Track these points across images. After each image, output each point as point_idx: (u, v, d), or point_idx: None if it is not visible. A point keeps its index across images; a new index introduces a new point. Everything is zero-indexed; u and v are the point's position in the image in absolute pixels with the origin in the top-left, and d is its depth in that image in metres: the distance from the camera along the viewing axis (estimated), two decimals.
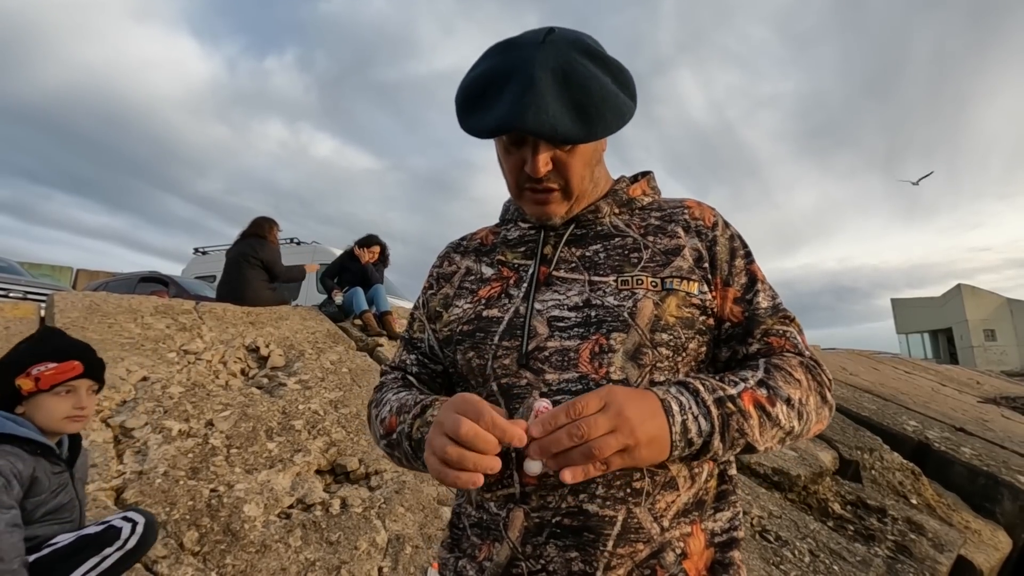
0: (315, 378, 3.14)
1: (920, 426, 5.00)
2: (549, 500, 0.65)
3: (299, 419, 2.61)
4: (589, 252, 0.75)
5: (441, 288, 0.83)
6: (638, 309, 0.68)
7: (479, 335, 0.73)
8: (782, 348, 0.72)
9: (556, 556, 0.64)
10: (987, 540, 3.38)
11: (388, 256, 5.33)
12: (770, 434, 0.64)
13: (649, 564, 0.65)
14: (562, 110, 0.64)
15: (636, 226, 0.77)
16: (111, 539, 1.27)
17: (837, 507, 3.06)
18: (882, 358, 11.66)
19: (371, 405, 0.83)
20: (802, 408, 0.66)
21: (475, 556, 0.70)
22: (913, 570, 2.52)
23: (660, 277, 0.71)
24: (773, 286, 0.78)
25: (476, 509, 0.72)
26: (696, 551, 0.67)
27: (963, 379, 10.97)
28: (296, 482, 2.16)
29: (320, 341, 3.79)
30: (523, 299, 0.73)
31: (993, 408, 7.72)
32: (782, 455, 3.37)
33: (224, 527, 1.82)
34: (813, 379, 0.69)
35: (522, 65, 0.66)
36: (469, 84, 0.70)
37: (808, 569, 2.20)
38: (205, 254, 9.04)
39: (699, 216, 0.77)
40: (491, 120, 0.66)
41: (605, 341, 0.67)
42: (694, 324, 0.70)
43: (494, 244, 0.83)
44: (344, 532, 1.90)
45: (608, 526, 0.64)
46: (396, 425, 0.73)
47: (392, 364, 0.88)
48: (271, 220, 4.92)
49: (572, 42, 0.69)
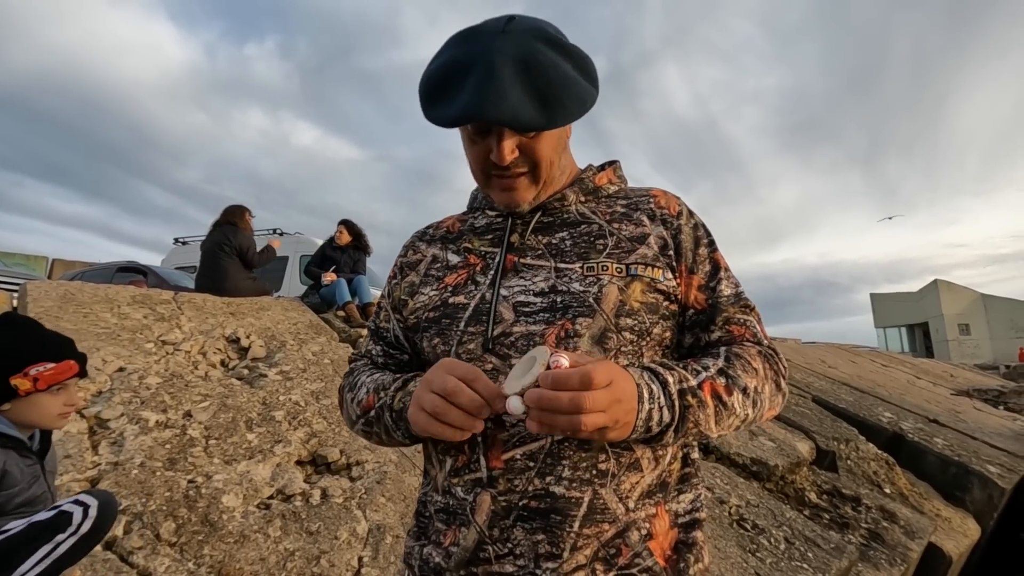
0: (296, 369, 3.11)
1: (895, 417, 5.12)
2: (516, 483, 0.66)
3: (280, 410, 2.59)
4: (555, 239, 0.76)
5: (406, 277, 0.84)
6: (603, 294, 0.69)
7: (445, 321, 0.74)
8: (742, 336, 0.74)
9: (523, 539, 0.65)
10: (957, 527, 3.47)
11: (368, 244, 5.30)
12: (726, 423, 0.67)
13: (614, 544, 0.66)
14: (522, 98, 0.65)
15: (602, 213, 0.78)
16: (63, 525, 1.22)
17: (813, 496, 3.12)
18: (860, 351, 11.89)
19: (344, 390, 0.83)
20: (757, 396, 0.69)
21: (441, 542, 0.71)
22: (885, 557, 2.58)
23: (625, 263, 0.72)
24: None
25: (442, 495, 0.72)
26: (661, 531, 0.69)
27: (938, 372, 11.24)
28: (276, 473, 2.14)
29: (302, 332, 3.76)
30: (489, 285, 0.74)
31: (966, 400, 7.92)
32: (760, 446, 3.43)
33: (202, 518, 1.80)
34: (770, 367, 0.72)
35: (482, 55, 0.66)
36: (431, 75, 0.71)
37: (783, 556, 2.24)
38: (185, 244, 8.90)
39: (664, 205, 0.79)
40: (453, 110, 0.66)
41: (571, 326, 0.68)
42: (658, 309, 0.72)
43: (460, 232, 0.84)
44: (324, 522, 1.89)
45: (574, 507, 0.65)
46: (375, 402, 0.74)
47: (360, 353, 0.89)
48: (243, 207, 4.86)
49: (532, 30, 0.70)
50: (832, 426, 4.31)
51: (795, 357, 7.74)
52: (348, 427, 0.83)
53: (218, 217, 4.84)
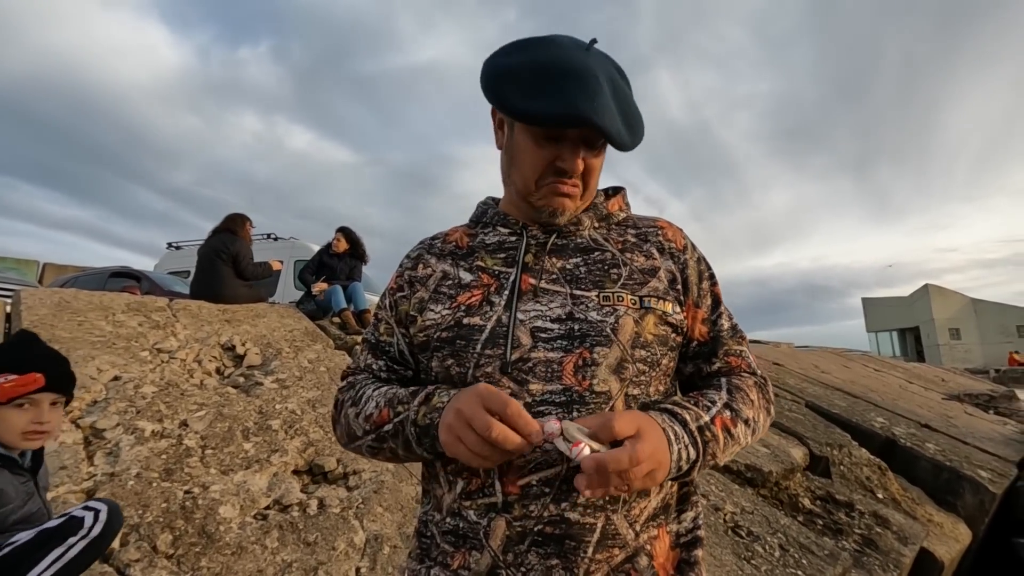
0: (292, 377, 3.11)
1: (887, 423, 5.16)
2: (531, 509, 0.66)
3: (276, 419, 2.59)
4: (570, 265, 0.76)
5: (415, 292, 0.81)
6: (620, 325, 0.71)
7: (460, 343, 0.73)
8: (739, 368, 0.79)
9: (537, 564, 0.66)
10: (949, 532, 3.50)
11: (365, 252, 5.30)
12: (730, 451, 0.72)
13: (623, 568, 0.67)
14: (618, 117, 0.70)
15: (614, 241, 0.80)
16: (74, 529, 1.23)
17: (807, 502, 3.14)
18: (853, 356, 11.98)
19: (344, 404, 0.80)
20: (755, 425, 0.74)
21: (448, 564, 0.71)
22: (878, 563, 2.61)
23: (639, 295, 0.74)
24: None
25: (451, 517, 0.72)
26: (662, 552, 0.71)
27: (929, 377, 11.33)
28: (273, 483, 2.14)
29: (298, 339, 3.75)
30: (505, 308, 0.73)
31: (957, 405, 7.99)
32: (755, 452, 3.45)
33: (199, 529, 1.80)
34: (762, 396, 0.77)
35: (581, 65, 0.70)
36: (516, 69, 0.71)
37: (778, 563, 2.26)
38: (179, 249, 8.85)
39: (672, 238, 0.82)
40: (561, 109, 0.67)
41: (589, 355, 0.69)
42: (668, 341, 0.75)
43: (471, 247, 0.82)
44: (322, 533, 1.89)
45: (588, 533, 0.66)
46: (391, 416, 0.72)
47: (358, 366, 0.85)
48: (244, 216, 4.86)
49: (609, 58, 0.76)
50: (825, 432, 4.34)
51: (788, 362, 7.79)
52: (345, 442, 0.80)
53: (219, 223, 4.84)
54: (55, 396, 1.36)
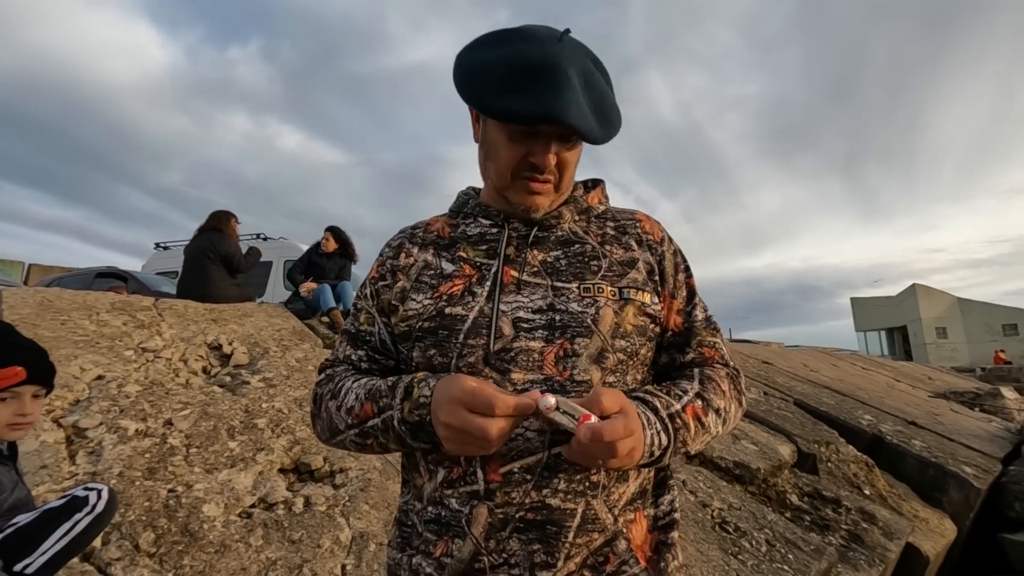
0: (280, 376, 3.08)
1: (875, 420, 5.20)
2: (513, 496, 0.67)
3: (262, 417, 2.57)
4: (551, 258, 0.77)
5: (397, 281, 0.81)
6: (600, 316, 0.72)
7: (442, 332, 0.73)
8: (713, 358, 0.80)
9: (519, 549, 0.66)
10: (934, 528, 3.54)
11: (354, 252, 5.28)
12: (701, 439, 0.73)
13: (603, 552, 0.69)
14: (591, 112, 0.69)
15: (594, 234, 0.80)
16: (79, 506, 1.27)
17: (795, 498, 3.16)
18: (841, 355, 12.10)
19: (323, 398, 0.79)
20: (726, 415, 0.75)
21: (430, 552, 0.71)
22: (864, 558, 2.63)
23: (618, 287, 0.75)
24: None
25: (432, 505, 0.72)
26: (640, 535, 0.72)
27: (916, 375, 11.46)
28: (258, 481, 2.12)
29: (286, 338, 3.73)
30: (487, 298, 0.74)
31: (943, 402, 8.08)
32: (744, 450, 3.46)
33: (182, 528, 1.78)
34: (734, 387, 0.79)
35: (552, 59, 0.68)
36: (489, 65, 0.71)
37: (764, 558, 2.27)
38: (166, 249, 8.77)
39: (649, 231, 0.83)
40: (532, 108, 0.67)
41: (570, 345, 0.70)
42: (646, 332, 0.76)
43: (452, 238, 0.82)
44: (307, 531, 1.88)
45: (569, 519, 0.67)
46: (375, 412, 0.71)
47: (336, 358, 0.85)
48: (229, 213, 4.83)
49: (583, 48, 0.74)
50: (813, 429, 4.37)
51: (778, 361, 7.84)
52: (327, 437, 0.79)
53: (203, 222, 4.80)
54: (37, 388, 1.36)
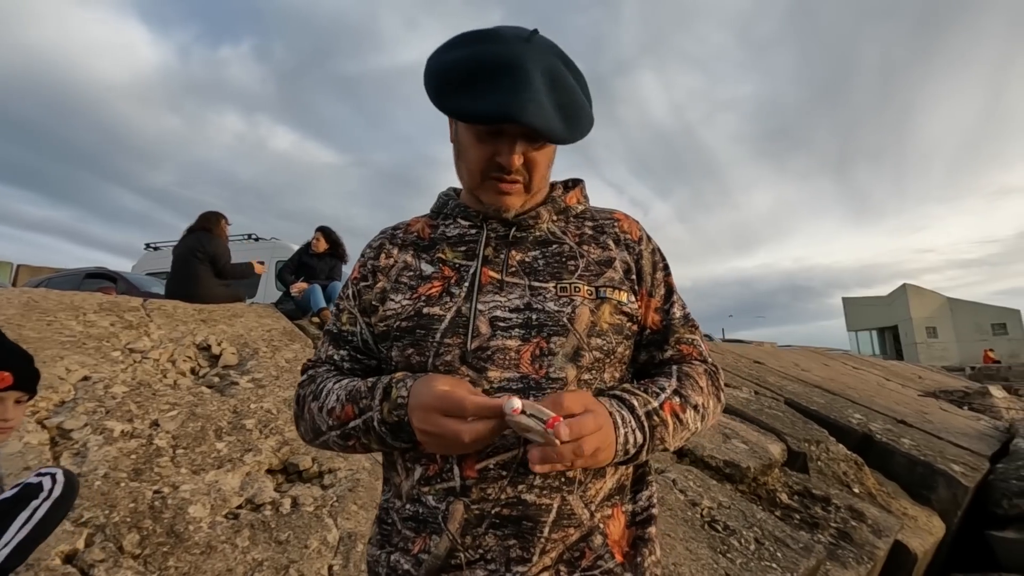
0: (269, 376, 3.07)
1: (864, 419, 5.24)
2: (489, 492, 0.67)
3: (251, 418, 2.55)
4: (528, 258, 0.78)
5: (377, 281, 0.82)
6: (576, 315, 0.73)
7: (420, 332, 0.74)
8: (691, 355, 0.81)
9: (495, 545, 0.67)
10: (923, 525, 3.56)
11: (345, 252, 5.27)
12: (680, 436, 0.72)
13: (579, 547, 0.69)
14: (553, 111, 0.68)
15: (572, 234, 0.81)
16: (34, 493, 1.24)
17: (784, 497, 3.18)
18: (833, 354, 12.18)
19: (306, 399, 0.79)
20: (704, 411, 0.75)
21: (409, 549, 0.71)
22: (853, 555, 2.64)
23: (595, 286, 0.76)
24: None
25: (410, 503, 0.72)
26: (617, 531, 0.72)
27: (907, 374, 11.55)
28: (246, 482, 2.11)
29: (276, 339, 3.71)
30: (466, 298, 0.74)
31: (932, 401, 8.15)
32: (734, 448, 3.48)
33: (167, 529, 1.76)
34: (712, 384, 0.79)
35: (515, 59, 0.68)
36: (452, 65, 0.71)
37: (753, 556, 2.28)
38: (157, 250, 8.71)
39: (627, 230, 0.84)
40: (489, 107, 0.67)
41: (546, 344, 0.71)
42: (623, 330, 0.76)
43: (432, 239, 0.83)
44: (294, 531, 1.87)
45: (544, 514, 0.67)
46: (355, 413, 0.71)
47: (318, 358, 0.85)
48: (219, 214, 4.80)
49: (553, 48, 0.74)
50: (804, 428, 4.40)
51: (770, 361, 7.88)
52: (310, 438, 0.79)
53: (193, 222, 4.77)
54: (20, 394, 1.35)
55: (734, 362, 6.83)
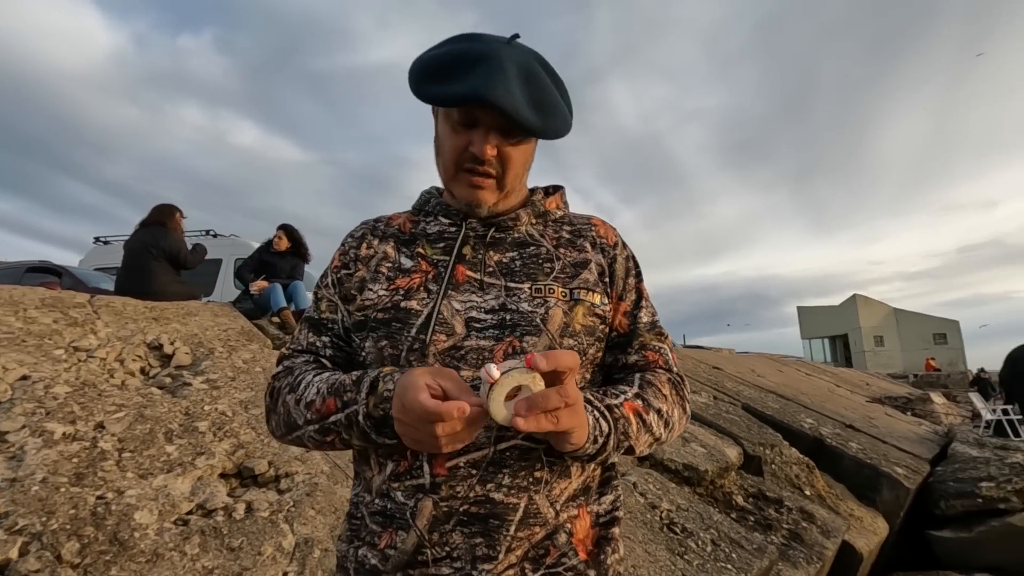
0: (225, 377, 2.97)
1: (816, 423, 5.43)
2: (458, 490, 0.68)
3: (204, 420, 2.46)
4: (506, 259, 0.79)
5: (357, 270, 0.82)
6: (550, 316, 0.74)
7: (395, 325, 0.74)
8: (656, 362, 0.81)
9: (461, 542, 0.68)
10: (868, 526, 3.72)
11: (308, 251, 5.15)
12: (644, 439, 0.73)
13: (544, 545, 0.70)
14: (524, 99, 0.70)
15: (549, 237, 0.83)
16: None
17: (740, 499, 3.26)
18: (787, 361, 12.61)
19: (282, 392, 0.77)
20: (668, 418, 0.76)
21: (375, 544, 0.71)
22: (803, 555, 2.73)
23: (569, 288, 0.77)
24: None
25: (379, 498, 0.73)
26: (582, 530, 0.73)
27: (855, 381, 12.05)
28: (197, 486, 2.03)
29: (232, 339, 3.59)
30: (442, 296, 0.75)
31: (879, 407, 8.53)
32: (693, 452, 3.55)
33: (111, 536, 1.68)
34: (677, 393, 0.79)
35: (491, 53, 0.71)
36: (433, 58, 0.74)
37: (709, 558, 2.33)
38: (107, 244, 8.32)
39: (604, 235, 0.86)
40: (460, 89, 0.69)
41: (519, 343, 0.72)
42: (595, 332, 0.77)
43: (413, 234, 0.84)
44: (248, 537, 1.81)
45: (511, 512, 0.68)
46: (338, 407, 0.70)
47: (296, 347, 0.83)
48: (174, 207, 4.62)
49: (532, 52, 0.76)
50: (759, 432, 4.53)
51: (728, 367, 8.10)
52: (282, 433, 0.76)
53: (146, 216, 4.58)
54: None
55: (694, 367, 6.99)
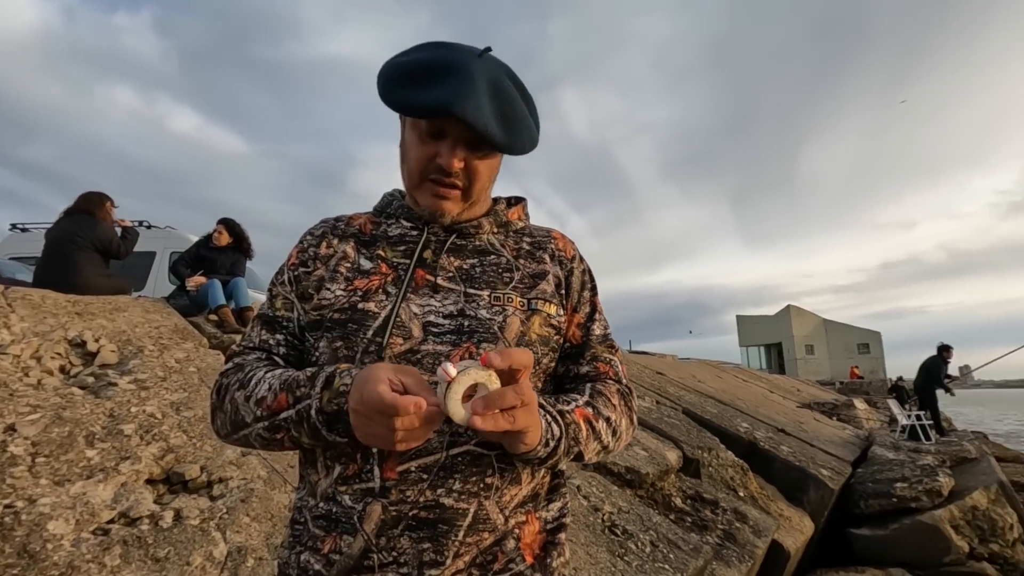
0: (155, 377, 2.80)
1: (751, 427, 5.68)
2: (408, 494, 0.68)
3: (130, 423, 2.32)
4: (466, 265, 0.79)
5: (316, 269, 0.81)
6: (507, 324, 0.75)
7: (352, 326, 0.74)
8: (606, 374, 0.83)
9: (409, 547, 0.67)
10: (796, 525, 3.92)
11: (250, 247, 4.94)
12: (593, 446, 0.74)
13: (492, 551, 0.70)
14: (493, 115, 0.70)
15: (510, 247, 0.84)
16: None
17: (679, 501, 3.37)
18: (726, 368, 13.16)
19: (231, 388, 0.74)
20: (616, 427, 0.78)
21: (318, 548, 0.70)
22: (736, 554, 2.85)
23: (527, 298, 0.78)
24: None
25: (324, 501, 0.71)
26: (530, 535, 0.74)
27: (787, 387, 12.70)
28: (120, 494, 1.90)
29: (165, 336, 3.40)
30: (401, 299, 0.75)
31: (808, 412, 9.01)
32: (635, 455, 3.64)
33: (20, 548, 1.55)
34: (625, 404, 0.81)
35: (462, 65, 0.71)
36: (404, 64, 0.73)
37: (648, 558, 2.39)
38: (25, 231, 7.71)
39: (562, 248, 0.88)
40: (430, 100, 0.69)
41: (475, 349, 0.72)
42: (549, 342, 0.79)
43: (374, 236, 0.83)
44: (175, 547, 1.71)
45: (461, 518, 0.69)
46: (290, 402, 0.68)
47: (249, 344, 0.81)
48: (103, 195, 4.33)
49: (503, 66, 0.77)
50: (698, 436, 4.69)
51: (671, 372, 8.35)
52: (228, 431, 0.74)
53: (72, 204, 4.27)
54: None
55: (638, 373, 7.17)
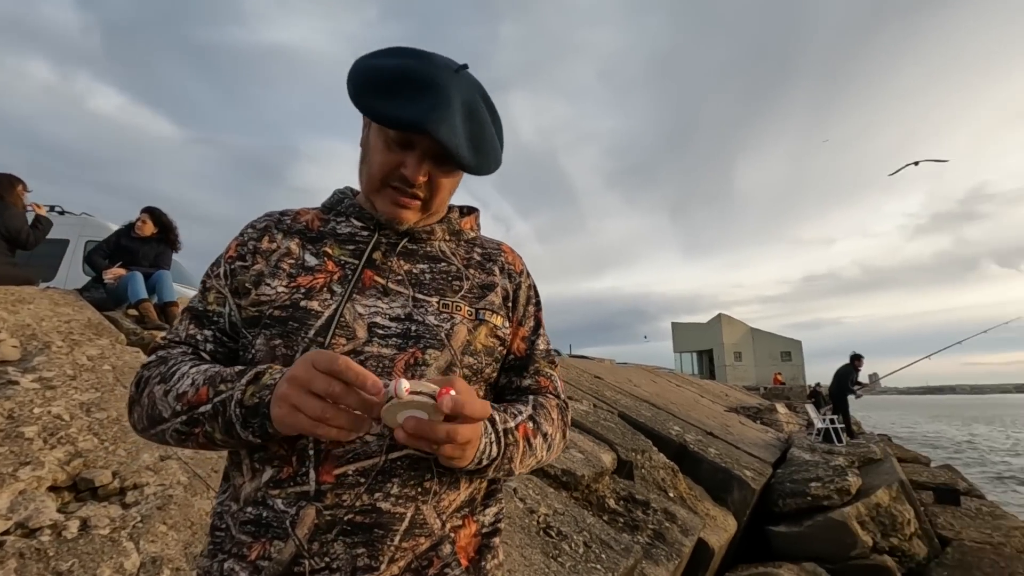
0: (63, 376, 2.59)
1: (682, 430, 5.91)
2: (344, 499, 0.66)
3: (32, 425, 2.13)
4: (416, 270, 0.79)
5: (255, 263, 0.78)
6: (454, 332, 0.76)
7: (292, 324, 0.72)
8: (547, 388, 0.86)
9: (343, 553, 0.65)
10: (720, 524, 4.10)
11: (177, 238, 4.66)
12: (526, 461, 0.77)
13: (428, 556, 0.70)
14: (464, 137, 0.72)
15: (461, 256, 0.85)
16: None
17: (612, 502, 3.45)
18: (661, 372, 13.64)
19: (151, 381, 0.71)
20: (551, 441, 0.81)
21: (245, 555, 0.67)
22: (664, 553, 2.95)
23: (476, 308, 0.80)
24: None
25: (252, 506, 0.68)
26: (465, 538, 0.75)
27: (717, 392, 13.30)
28: (17, 502, 1.74)
29: (76, 332, 3.15)
30: (347, 298, 0.74)
31: (734, 416, 9.47)
32: (571, 458, 3.70)
33: None
34: (561, 418, 0.85)
35: (439, 82, 0.71)
36: (378, 70, 0.72)
37: (581, 559, 2.44)
38: None
39: (511, 262, 0.90)
40: (404, 115, 0.69)
41: (421, 355, 0.72)
42: (493, 352, 0.80)
43: (321, 233, 0.81)
44: (80, 559, 1.59)
45: (397, 522, 0.68)
46: (210, 396, 0.66)
47: (175, 338, 0.78)
48: (13, 177, 3.98)
49: (477, 86, 0.78)
50: (632, 438, 4.83)
51: (608, 376, 8.56)
52: (144, 426, 0.71)
53: None
54: None
55: (577, 376, 7.30)
